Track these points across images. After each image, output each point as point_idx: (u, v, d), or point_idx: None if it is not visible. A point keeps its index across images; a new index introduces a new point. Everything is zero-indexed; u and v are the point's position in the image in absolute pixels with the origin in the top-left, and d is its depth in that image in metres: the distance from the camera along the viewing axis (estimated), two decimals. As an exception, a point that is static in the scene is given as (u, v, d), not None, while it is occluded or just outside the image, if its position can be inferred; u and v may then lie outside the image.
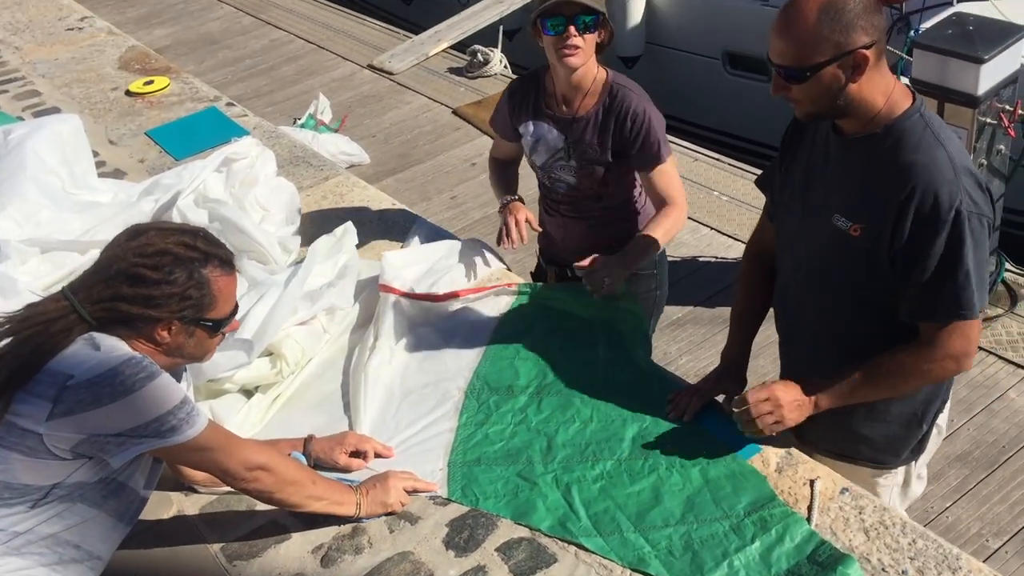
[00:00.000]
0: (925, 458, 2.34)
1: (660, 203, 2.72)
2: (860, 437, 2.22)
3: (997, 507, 3.31)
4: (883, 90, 1.90)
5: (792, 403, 2.06)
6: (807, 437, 2.25)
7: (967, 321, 1.94)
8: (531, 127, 2.78)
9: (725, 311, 2.70)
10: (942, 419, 2.28)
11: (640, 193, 2.84)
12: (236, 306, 1.99)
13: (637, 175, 2.76)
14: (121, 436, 1.73)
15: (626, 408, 2.36)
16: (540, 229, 2.96)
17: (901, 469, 2.30)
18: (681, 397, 2.33)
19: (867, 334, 2.08)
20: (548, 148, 2.76)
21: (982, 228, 1.88)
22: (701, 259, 4.65)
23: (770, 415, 2.06)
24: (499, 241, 2.80)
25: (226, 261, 1.94)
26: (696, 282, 4.50)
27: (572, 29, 2.51)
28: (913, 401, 2.16)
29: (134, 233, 1.88)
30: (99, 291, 1.81)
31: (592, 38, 2.57)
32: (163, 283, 1.82)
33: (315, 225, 3.39)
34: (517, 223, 2.77)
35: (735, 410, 2.10)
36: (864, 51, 1.82)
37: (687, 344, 4.13)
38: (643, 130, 2.62)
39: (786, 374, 2.27)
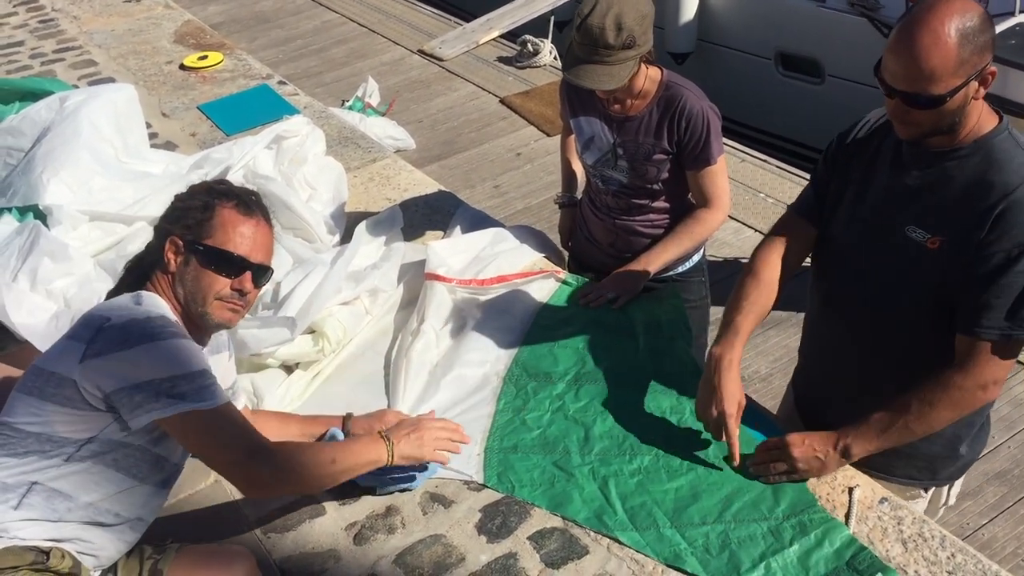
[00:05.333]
0: (956, 490, 2.29)
1: (699, 204, 2.69)
2: (900, 453, 2.08)
3: (1035, 527, 3.26)
4: (979, 105, 1.83)
5: (806, 456, 2.04)
6: None
7: (1007, 344, 1.86)
8: (584, 124, 2.72)
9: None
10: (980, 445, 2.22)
11: None
12: (251, 263, 1.96)
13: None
14: (139, 388, 1.71)
15: (665, 401, 2.35)
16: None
17: (930, 493, 2.24)
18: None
19: (922, 359, 1.99)
20: (600, 147, 2.70)
21: None
22: (743, 260, 4.59)
23: (779, 463, 2.07)
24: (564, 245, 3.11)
25: (246, 203, 1.99)
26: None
27: (601, 94, 2.54)
28: (959, 422, 2.04)
29: None
30: None
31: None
32: (182, 200, 2.00)
33: (361, 206, 3.41)
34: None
35: (751, 467, 2.12)
36: (992, 67, 1.76)
37: (725, 345, 4.09)
38: (698, 130, 2.55)
39: (808, 393, 2.19)
